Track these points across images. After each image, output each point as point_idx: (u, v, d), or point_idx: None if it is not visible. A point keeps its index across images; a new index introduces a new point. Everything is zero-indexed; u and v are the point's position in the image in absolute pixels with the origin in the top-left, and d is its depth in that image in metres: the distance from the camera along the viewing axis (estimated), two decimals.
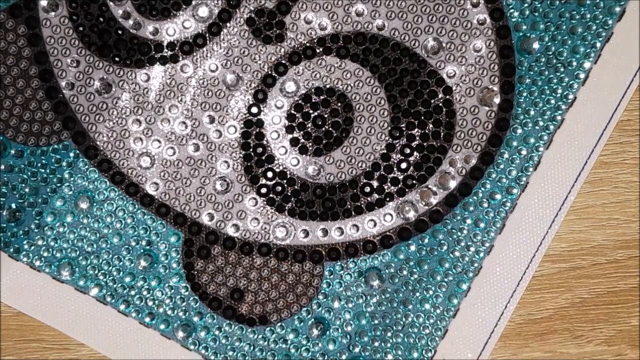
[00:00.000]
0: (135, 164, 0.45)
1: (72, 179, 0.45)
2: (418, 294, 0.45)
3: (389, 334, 0.45)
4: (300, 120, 0.45)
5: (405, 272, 0.45)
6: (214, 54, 0.45)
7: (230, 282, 0.45)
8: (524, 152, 0.44)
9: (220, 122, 0.45)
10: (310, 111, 0.45)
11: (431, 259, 0.45)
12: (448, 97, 0.45)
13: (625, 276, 0.46)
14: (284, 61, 0.45)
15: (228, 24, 0.45)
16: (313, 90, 0.45)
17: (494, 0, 0.44)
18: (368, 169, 0.45)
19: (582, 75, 0.44)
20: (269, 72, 0.45)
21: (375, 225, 0.45)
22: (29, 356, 0.46)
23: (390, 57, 0.45)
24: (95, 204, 0.45)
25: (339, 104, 0.45)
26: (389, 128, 0.45)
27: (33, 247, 0.45)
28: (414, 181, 0.45)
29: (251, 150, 0.45)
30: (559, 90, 0.44)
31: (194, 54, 0.45)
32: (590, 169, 0.45)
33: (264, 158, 0.45)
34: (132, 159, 0.45)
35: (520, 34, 0.44)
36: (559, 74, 0.44)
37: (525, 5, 0.44)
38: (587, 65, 0.44)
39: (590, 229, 0.46)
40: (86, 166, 0.45)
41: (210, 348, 0.45)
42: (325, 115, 0.45)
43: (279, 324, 0.45)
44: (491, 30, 0.44)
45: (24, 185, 0.45)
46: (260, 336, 0.45)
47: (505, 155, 0.45)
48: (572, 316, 0.46)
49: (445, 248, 0.45)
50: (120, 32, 0.44)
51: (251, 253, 0.45)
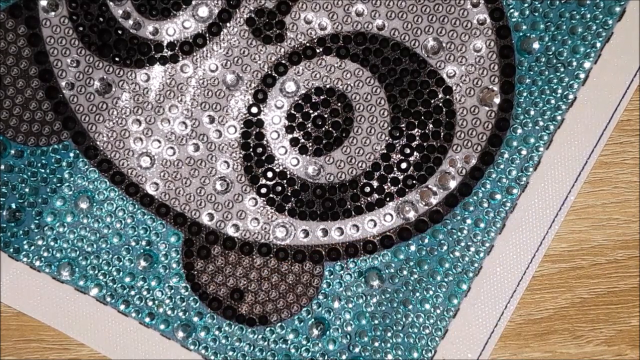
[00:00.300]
0: (135, 164, 0.45)
1: (72, 179, 0.45)
2: (418, 294, 0.45)
3: (389, 334, 0.45)
4: (300, 120, 0.45)
5: (405, 272, 0.45)
6: (214, 54, 0.45)
7: (230, 282, 0.45)
8: (524, 152, 0.44)
9: (220, 122, 0.45)
10: (310, 111, 0.45)
11: (431, 259, 0.45)
12: (448, 97, 0.45)
13: (625, 276, 0.46)
14: (284, 61, 0.45)
15: (228, 24, 0.45)
16: (313, 90, 0.45)
17: (494, 0, 0.44)
18: (368, 169, 0.45)
19: (582, 75, 0.44)
20: (269, 72, 0.45)
21: (375, 225, 0.45)
22: (29, 356, 0.46)
23: (390, 57, 0.45)
24: (95, 204, 0.45)
25: (339, 104, 0.45)
26: (389, 128, 0.45)
27: (33, 247, 0.45)
28: (414, 181, 0.45)
29: (251, 150, 0.45)
30: (559, 90, 0.44)
31: (194, 54, 0.45)
32: (590, 169, 0.45)
33: (264, 158, 0.45)
34: (132, 159, 0.45)
35: (520, 34, 0.44)
36: (559, 74, 0.44)
37: (525, 5, 0.44)
38: (587, 65, 0.44)
39: (590, 229, 0.46)
40: (86, 166, 0.45)
41: (210, 348, 0.45)
42: (325, 115, 0.45)
43: (279, 324, 0.45)
44: (491, 30, 0.44)
45: (24, 185, 0.45)
46: (260, 336, 0.45)
47: (506, 155, 0.45)
48: (572, 316, 0.46)
49: (445, 248, 0.45)
50: (120, 32, 0.44)
51: (251, 253, 0.45)
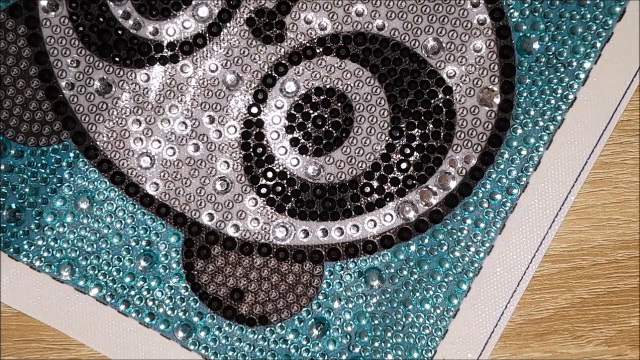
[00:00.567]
0: (135, 164, 0.45)
1: (72, 179, 0.45)
2: (418, 294, 0.45)
3: (389, 334, 0.45)
4: (300, 120, 0.45)
5: (405, 273, 0.45)
6: (214, 54, 0.45)
7: (230, 282, 0.45)
8: (524, 152, 0.44)
9: (220, 122, 0.45)
10: (310, 111, 0.45)
11: (431, 259, 0.45)
12: (448, 97, 0.45)
13: (625, 276, 0.46)
14: (284, 61, 0.45)
15: (228, 24, 0.45)
16: (313, 90, 0.45)
17: (494, 0, 0.44)
18: (368, 169, 0.45)
19: (582, 75, 0.44)
20: (269, 72, 0.45)
21: (375, 225, 0.45)
22: (29, 356, 0.46)
23: (390, 57, 0.45)
24: (95, 204, 0.45)
25: (339, 104, 0.45)
26: (389, 128, 0.45)
27: (33, 247, 0.45)
28: (414, 181, 0.45)
29: (251, 150, 0.45)
30: (559, 90, 0.44)
31: (194, 54, 0.45)
32: (590, 169, 0.45)
33: (264, 158, 0.45)
34: (132, 159, 0.45)
35: (520, 34, 0.44)
36: (559, 74, 0.44)
37: (525, 5, 0.44)
38: (587, 65, 0.44)
39: (591, 229, 0.46)
40: (86, 166, 0.45)
41: (210, 348, 0.45)
42: (325, 115, 0.45)
43: (279, 324, 0.45)
44: (491, 30, 0.44)
45: (24, 185, 0.45)
46: (260, 336, 0.45)
47: (506, 156, 0.45)
48: (572, 316, 0.46)
49: (445, 248, 0.45)
50: (120, 32, 0.44)
51: (251, 253, 0.45)
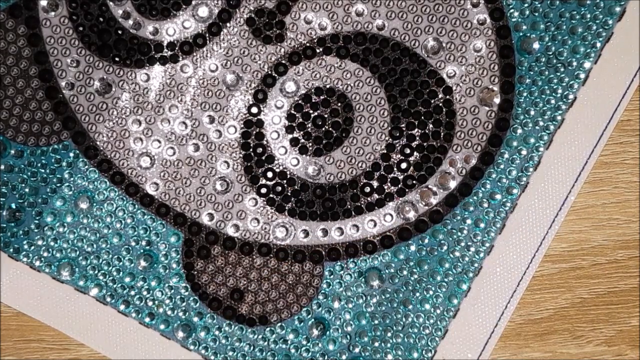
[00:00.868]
0: (135, 164, 0.45)
1: (72, 179, 0.45)
2: (418, 294, 0.45)
3: (389, 334, 0.45)
4: (300, 120, 0.45)
5: (405, 273, 0.45)
6: (214, 54, 0.45)
7: (230, 282, 0.45)
8: (524, 152, 0.44)
9: (220, 122, 0.45)
10: (310, 111, 0.45)
11: (431, 259, 0.45)
12: (448, 97, 0.45)
13: (625, 276, 0.46)
14: (284, 61, 0.45)
15: (228, 24, 0.45)
16: (313, 90, 0.45)
17: (494, 0, 0.44)
18: (368, 169, 0.45)
19: (582, 75, 0.44)
20: (269, 72, 0.45)
21: (375, 225, 0.45)
22: (29, 356, 0.46)
23: (390, 57, 0.45)
24: (95, 204, 0.45)
25: (339, 104, 0.45)
26: (389, 128, 0.45)
27: (33, 247, 0.45)
28: (414, 181, 0.45)
29: (251, 150, 0.45)
30: (559, 90, 0.44)
31: (194, 54, 0.45)
32: (590, 169, 0.44)
33: (264, 158, 0.45)
34: (132, 159, 0.45)
35: (521, 34, 0.44)
36: (559, 74, 0.44)
37: (525, 5, 0.44)
38: (587, 65, 0.44)
39: (591, 229, 0.46)
40: (86, 166, 0.45)
41: (210, 348, 0.45)
42: (325, 115, 0.45)
43: (279, 324, 0.45)
44: (491, 30, 0.44)
45: (24, 185, 0.45)
46: (260, 336, 0.45)
47: (506, 155, 0.45)
48: (572, 316, 0.46)
49: (445, 248, 0.45)
50: (120, 32, 0.44)
51: (251, 253, 0.45)
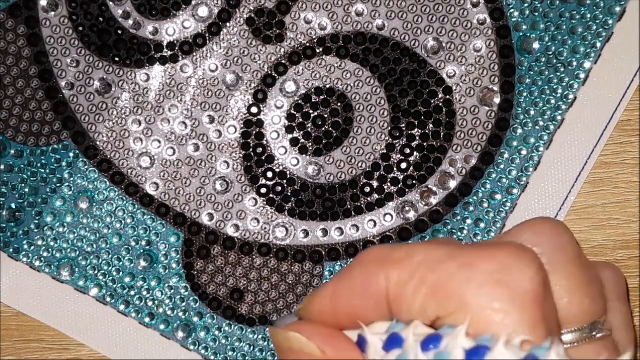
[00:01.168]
0: (135, 164, 0.45)
1: (72, 179, 0.45)
2: None
3: None
4: (300, 120, 0.45)
5: None
6: (214, 54, 0.45)
7: (230, 283, 0.45)
8: (524, 152, 0.44)
9: (220, 122, 0.45)
10: (310, 111, 0.45)
11: None
12: (448, 97, 0.45)
13: (625, 276, 0.46)
14: (284, 61, 0.45)
15: (228, 24, 0.45)
16: (313, 90, 0.45)
17: (494, 0, 0.44)
18: (368, 169, 0.45)
19: (583, 75, 0.44)
20: (269, 72, 0.45)
21: (375, 225, 0.45)
22: (29, 356, 0.46)
23: (390, 57, 0.45)
24: (95, 204, 0.45)
25: (339, 104, 0.45)
26: (389, 128, 0.45)
27: (33, 247, 0.45)
28: (414, 181, 0.45)
29: (251, 150, 0.45)
30: (559, 90, 0.44)
31: (194, 54, 0.45)
32: (590, 169, 0.44)
33: (264, 158, 0.45)
34: (132, 159, 0.45)
35: (521, 34, 0.44)
36: (559, 74, 0.44)
37: (526, 5, 0.44)
38: (588, 65, 0.44)
39: (591, 229, 0.46)
40: (86, 166, 0.45)
41: (210, 348, 0.45)
42: (325, 115, 0.45)
43: None
44: (491, 30, 0.44)
45: (23, 185, 0.45)
46: (260, 336, 0.45)
47: (506, 156, 0.45)
48: None
49: None
50: (120, 32, 0.44)
51: (251, 253, 0.45)
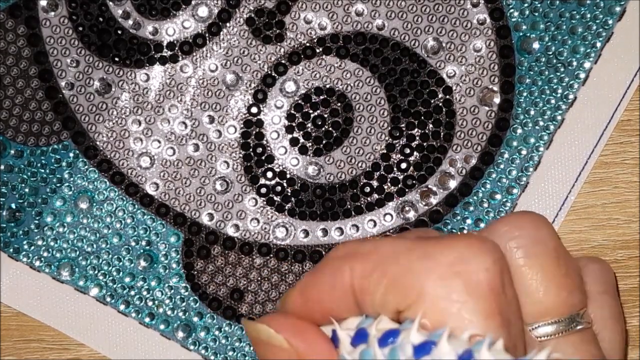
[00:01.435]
0: (135, 164, 0.45)
1: (72, 179, 0.45)
2: None
3: None
4: (300, 120, 0.45)
5: None
6: (214, 54, 0.45)
7: (230, 282, 0.45)
8: (524, 152, 0.44)
9: (220, 122, 0.45)
10: (310, 111, 0.45)
11: None
12: (448, 97, 0.45)
13: (625, 276, 0.46)
14: (283, 61, 0.45)
15: (228, 24, 0.45)
16: (313, 90, 0.45)
17: (493, 0, 0.44)
18: (368, 169, 0.45)
19: (583, 75, 0.44)
20: (269, 72, 0.45)
21: (375, 225, 0.45)
22: (29, 356, 0.46)
23: (390, 57, 0.45)
24: (95, 204, 0.45)
25: (339, 104, 0.45)
26: (389, 128, 0.45)
27: (33, 247, 0.45)
28: (414, 181, 0.45)
29: (251, 150, 0.45)
30: (559, 90, 0.44)
31: (194, 54, 0.45)
32: (590, 169, 0.44)
33: (263, 158, 0.45)
34: (132, 159, 0.45)
35: (520, 34, 0.44)
36: (559, 74, 0.44)
37: (525, 5, 0.44)
38: (588, 65, 0.44)
39: (591, 229, 0.46)
40: (86, 166, 0.45)
41: (210, 348, 0.45)
42: (325, 115, 0.45)
43: None
44: (491, 30, 0.44)
45: (23, 185, 0.45)
46: None
47: (506, 155, 0.45)
48: None
49: None
50: (120, 32, 0.44)
51: (251, 253, 0.45)
